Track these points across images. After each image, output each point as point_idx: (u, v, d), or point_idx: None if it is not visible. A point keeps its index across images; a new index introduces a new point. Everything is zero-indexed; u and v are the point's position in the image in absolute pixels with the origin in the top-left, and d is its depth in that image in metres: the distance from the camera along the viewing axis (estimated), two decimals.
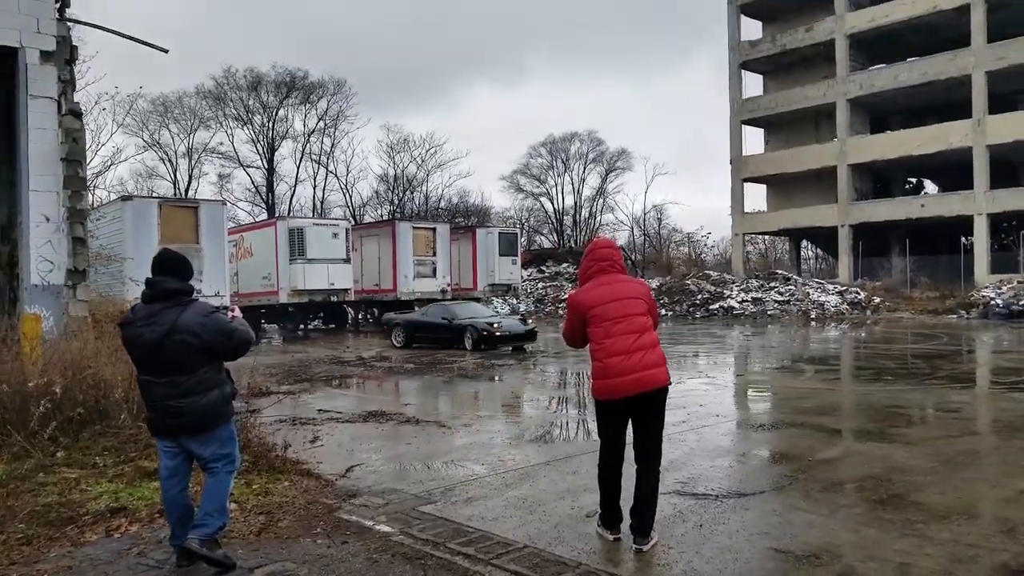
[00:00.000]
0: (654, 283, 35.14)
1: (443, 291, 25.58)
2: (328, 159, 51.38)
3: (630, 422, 4.30)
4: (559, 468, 6.03)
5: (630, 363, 4.13)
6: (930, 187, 41.77)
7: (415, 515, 4.87)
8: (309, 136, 50.10)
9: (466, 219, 51.22)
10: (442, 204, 53.95)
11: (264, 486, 5.51)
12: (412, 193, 53.63)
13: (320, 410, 9.12)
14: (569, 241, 54.98)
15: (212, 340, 3.97)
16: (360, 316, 28.03)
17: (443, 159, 54.32)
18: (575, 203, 57.07)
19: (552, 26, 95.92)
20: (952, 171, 35.01)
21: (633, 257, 50.75)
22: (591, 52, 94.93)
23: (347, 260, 23.05)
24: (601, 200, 57.12)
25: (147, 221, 18.10)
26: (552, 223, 58.12)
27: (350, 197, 52.67)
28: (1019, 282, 26.89)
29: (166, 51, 11.79)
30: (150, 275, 4.08)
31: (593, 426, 7.99)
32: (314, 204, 50.65)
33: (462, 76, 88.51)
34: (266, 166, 49.74)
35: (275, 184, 50.33)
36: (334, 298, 23.41)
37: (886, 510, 4.73)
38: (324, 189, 51.79)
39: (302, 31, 73.32)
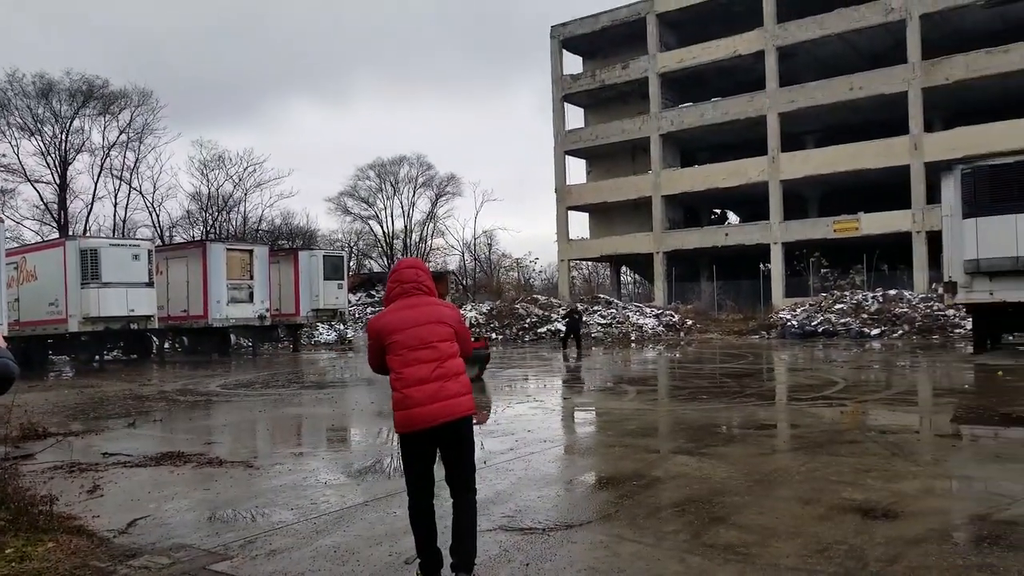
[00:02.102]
0: (484, 307, 35.31)
1: (261, 317, 24.19)
2: (132, 175, 47.58)
3: (440, 456, 4.00)
4: (379, 509, 5.55)
5: (428, 392, 3.84)
6: (733, 218, 45.19)
7: None
8: (109, 150, 46.13)
9: (290, 241, 49.22)
10: (263, 225, 51.53)
11: (21, 550, 4.63)
12: (229, 213, 50.77)
13: (106, 453, 8.03)
14: None
15: None
16: (166, 345, 25.90)
17: (263, 178, 51.96)
18: (405, 227, 56.66)
19: (377, 47, 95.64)
20: (752, 203, 38.09)
21: (464, 282, 50.99)
22: (419, 76, 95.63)
23: (150, 284, 21.16)
24: (431, 224, 57.11)
25: None
26: (382, 247, 57.29)
27: (158, 216, 49.02)
28: (810, 305, 29.47)
29: None
30: None
31: None
32: (115, 223, 46.62)
33: (280, 92, 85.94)
34: (58, 181, 45.15)
35: (68, 201, 45.77)
36: (135, 325, 21.38)
37: (709, 535, 4.68)
38: (127, 207, 47.86)
39: (102, 37, 68.19)
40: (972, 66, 30.20)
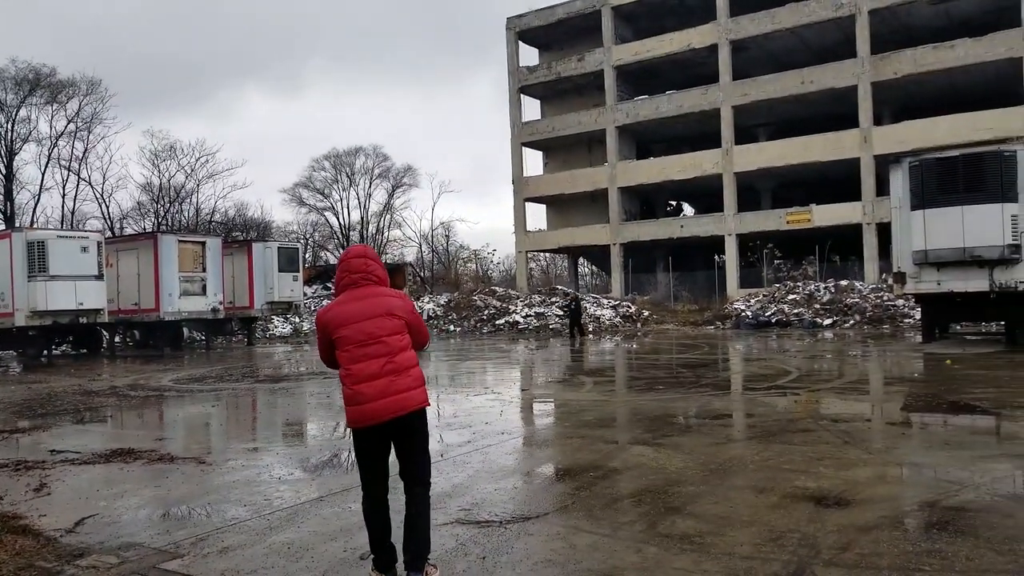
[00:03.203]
0: (442, 299, 35.18)
1: (214, 310, 23.76)
2: (80, 165, 46.27)
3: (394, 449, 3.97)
4: (334, 504, 5.48)
5: (378, 388, 3.77)
6: (688, 209, 45.71)
7: (155, 575, 4.12)
8: (57, 140, 44.80)
9: (244, 233, 48.39)
10: (216, 217, 50.55)
11: None
12: (181, 205, 49.69)
13: (53, 450, 7.81)
14: None
15: None
16: (117, 339, 25.28)
17: (216, 169, 50.93)
18: (362, 218, 56.15)
19: (330, 36, 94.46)
20: (706, 195, 38.56)
21: (422, 274, 50.71)
22: (373, 66, 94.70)
23: (99, 277, 20.64)
24: (388, 216, 56.66)
25: None
26: (338, 238, 56.69)
27: (108, 208, 47.78)
28: (764, 295, 29.96)
29: None
30: None
31: None
32: (63, 215, 45.32)
33: (233, 81, 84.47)
34: (3, 171, 43.73)
35: (15, 192, 44.39)
36: (84, 319, 20.85)
37: (665, 525, 4.71)
38: (76, 199, 46.55)
39: (48, 23, 66.13)
40: (919, 61, 30.93)
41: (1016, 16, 29.41)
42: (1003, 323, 17.62)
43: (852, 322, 26.16)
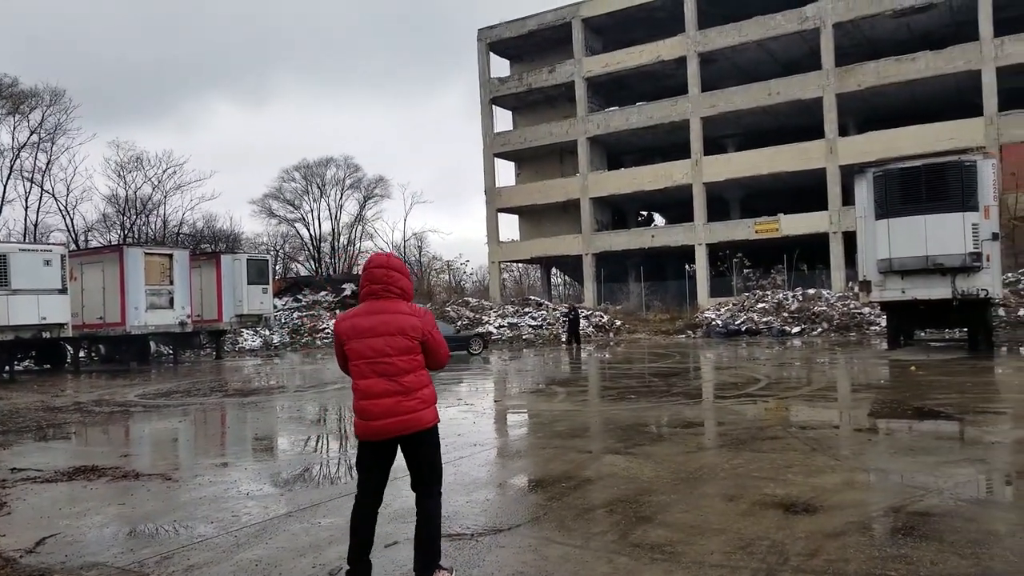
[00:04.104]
0: None
1: (182, 323, 23.43)
2: (44, 177, 45.45)
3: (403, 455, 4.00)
4: (303, 519, 5.41)
5: (383, 407, 3.80)
6: (659, 219, 46.06)
7: None
8: (19, 151, 43.98)
9: (213, 245, 47.82)
10: (184, 229, 49.91)
11: None
12: (148, 217, 48.98)
13: (14, 469, 7.63)
14: (328, 268, 53.41)
15: None
16: (82, 354, 24.81)
17: (183, 180, 50.30)
18: (333, 230, 55.78)
19: (298, 44, 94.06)
20: (677, 205, 38.89)
21: None
22: (344, 75, 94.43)
23: (63, 291, 20.26)
24: (360, 227, 56.36)
25: None
26: (309, 250, 56.28)
27: (72, 220, 46.95)
28: (734, 304, 30.25)
29: None
30: None
31: (346, 467, 7.47)
32: (25, 227, 44.45)
33: (201, 91, 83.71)
34: None
35: None
36: (47, 334, 20.43)
37: (636, 535, 4.72)
38: (39, 211, 45.68)
39: (10, 31, 65.07)
40: (882, 73, 31.57)
41: (974, 30, 30.16)
42: (966, 330, 17.96)
43: (820, 330, 26.50)
